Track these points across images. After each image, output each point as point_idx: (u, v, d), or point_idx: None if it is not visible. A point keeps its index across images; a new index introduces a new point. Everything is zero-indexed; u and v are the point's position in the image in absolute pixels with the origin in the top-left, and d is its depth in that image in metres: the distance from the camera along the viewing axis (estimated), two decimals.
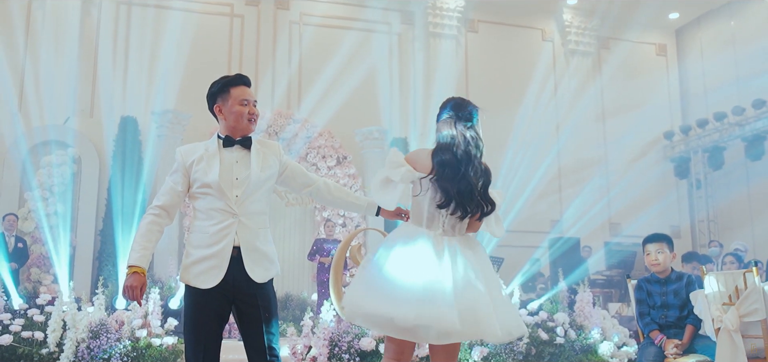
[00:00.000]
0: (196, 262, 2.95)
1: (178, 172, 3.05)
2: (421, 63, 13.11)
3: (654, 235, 4.44)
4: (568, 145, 13.34)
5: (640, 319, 4.47)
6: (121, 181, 10.29)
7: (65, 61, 11.08)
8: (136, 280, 2.85)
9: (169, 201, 3.03)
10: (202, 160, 3.02)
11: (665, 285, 4.37)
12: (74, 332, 6.63)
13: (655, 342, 4.27)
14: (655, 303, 4.40)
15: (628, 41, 14.58)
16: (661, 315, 4.35)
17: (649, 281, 4.47)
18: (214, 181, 2.97)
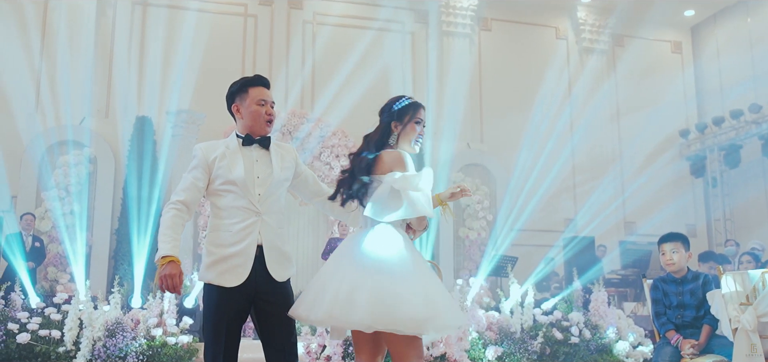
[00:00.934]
0: (219, 261, 2.94)
1: (199, 167, 3.04)
2: (434, 62, 13.08)
3: (669, 235, 4.40)
4: (582, 144, 13.26)
5: (655, 319, 4.44)
6: (136, 180, 10.35)
7: (81, 62, 11.16)
8: (174, 268, 2.81)
9: (191, 198, 3.00)
10: (225, 157, 3.02)
11: (681, 285, 4.34)
12: (91, 330, 6.68)
13: (671, 342, 4.24)
14: (671, 303, 4.37)
15: (642, 39, 14.46)
16: (677, 315, 4.32)
17: (664, 281, 4.44)
18: (240, 177, 2.97)
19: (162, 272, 2.82)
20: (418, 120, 3.09)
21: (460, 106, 12.54)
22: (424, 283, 2.79)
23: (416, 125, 3.08)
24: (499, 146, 12.72)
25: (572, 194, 13.23)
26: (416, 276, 2.79)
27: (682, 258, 4.31)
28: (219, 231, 2.98)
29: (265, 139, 3.12)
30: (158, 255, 2.87)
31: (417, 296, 2.71)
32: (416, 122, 3.08)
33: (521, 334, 7.62)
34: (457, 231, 11.86)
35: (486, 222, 11.92)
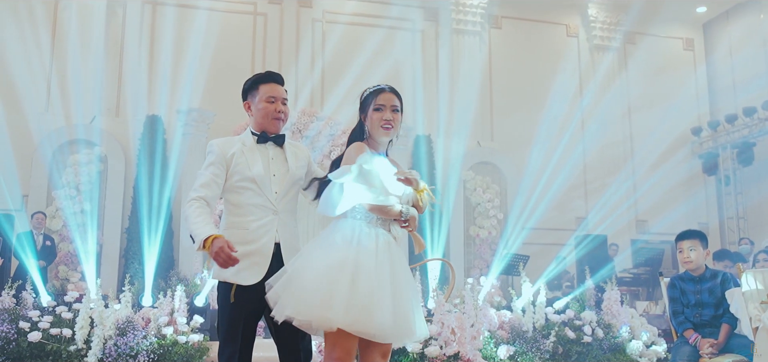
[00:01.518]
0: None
1: (217, 164, 2.99)
2: (444, 60, 13.02)
3: (687, 232, 4.34)
4: (593, 142, 13.17)
5: (673, 318, 4.37)
6: (147, 179, 10.35)
7: (91, 61, 11.17)
8: (221, 241, 2.72)
9: (211, 194, 2.94)
10: (243, 154, 2.99)
11: (699, 283, 4.27)
12: (101, 329, 6.68)
13: (689, 341, 4.18)
14: (689, 301, 4.31)
15: (654, 36, 14.35)
16: (696, 314, 4.25)
17: (682, 279, 4.37)
18: (259, 175, 2.95)
19: (213, 250, 2.72)
20: (378, 106, 2.97)
21: (471, 104, 12.47)
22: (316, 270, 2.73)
23: (376, 112, 2.96)
24: (510, 144, 12.65)
25: (583, 192, 13.14)
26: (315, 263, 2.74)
27: (700, 256, 4.25)
28: (235, 229, 2.94)
29: (280, 137, 3.09)
30: (199, 241, 2.77)
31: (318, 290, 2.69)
32: (376, 109, 2.97)
33: (533, 333, 7.57)
34: (467, 229, 11.80)
35: (497, 220, 11.85)
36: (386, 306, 2.64)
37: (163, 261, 10.04)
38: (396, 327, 2.67)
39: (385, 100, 2.98)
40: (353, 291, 2.63)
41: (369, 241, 2.75)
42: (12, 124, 10.51)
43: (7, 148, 10.35)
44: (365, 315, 2.61)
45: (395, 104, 3.01)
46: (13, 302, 7.03)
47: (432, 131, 12.26)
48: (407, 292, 2.78)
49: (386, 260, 2.74)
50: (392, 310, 2.65)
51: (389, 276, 2.71)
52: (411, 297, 2.81)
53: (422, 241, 4.55)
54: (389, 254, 2.77)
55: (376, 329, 2.63)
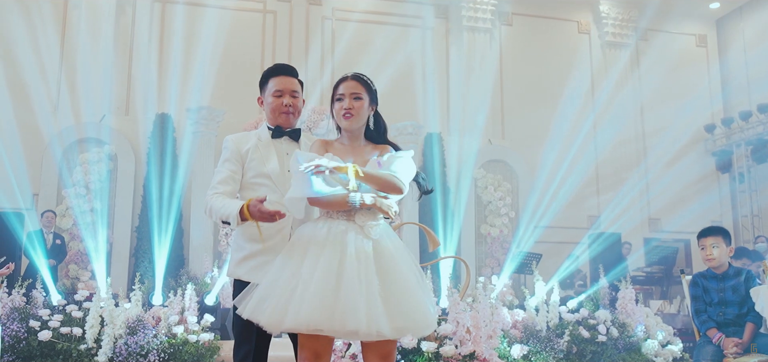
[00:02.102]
0: (250, 256, 2.85)
1: (233, 160, 2.95)
2: (455, 57, 12.93)
3: (709, 228, 4.24)
4: (605, 140, 13.04)
5: (696, 317, 4.27)
6: (157, 177, 10.32)
7: (101, 60, 11.15)
8: (256, 202, 2.66)
9: (230, 191, 2.90)
10: (257, 149, 2.94)
11: (723, 281, 4.17)
12: (112, 328, 6.64)
13: (712, 340, 4.08)
14: (711, 300, 4.20)
15: (667, 32, 14.20)
16: (719, 313, 4.15)
17: (705, 277, 4.27)
18: (275, 171, 2.90)
19: (254, 214, 2.66)
20: (338, 97, 2.88)
21: (482, 102, 12.37)
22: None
23: (337, 102, 2.88)
24: (522, 142, 12.54)
25: (595, 191, 13.01)
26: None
27: (723, 253, 4.14)
28: (250, 226, 2.88)
29: (296, 132, 3.03)
30: (235, 214, 2.72)
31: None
32: (337, 99, 2.89)
33: (547, 333, 7.47)
34: (478, 228, 11.71)
35: (508, 218, 11.76)
36: (323, 301, 2.51)
37: (173, 260, 10.00)
38: (342, 322, 2.50)
39: (344, 89, 2.88)
40: (293, 291, 2.56)
41: (317, 236, 2.69)
42: (22, 122, 10.49)
43: (17, 147, 10.34)
44: (300, 313, 2.51)
45: (355, 92, 2.88)
46: (23, 301, 7.01)
47: (443, 129, 12.18)
48: (369, 282, 2.58)
49: (335, 251, 2.63)
50: (333, 304, 2.50)
51: (337, 267, 2.58)
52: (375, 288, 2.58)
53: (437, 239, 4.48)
54: (342, 245, 2.64)
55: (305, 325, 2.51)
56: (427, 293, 2.75)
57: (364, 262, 2.61)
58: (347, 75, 2.95)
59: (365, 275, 2.58)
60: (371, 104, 2.93)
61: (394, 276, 2.65)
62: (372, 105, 2.94)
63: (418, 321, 2.65)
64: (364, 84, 2.91)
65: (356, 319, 2.48)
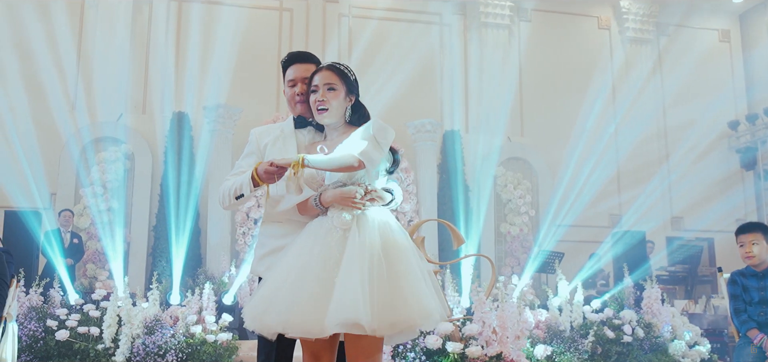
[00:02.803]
0: (270, 253, 2.75)
1: (252, 154, 2.88)
2: (473, 54, 12.77)
3: (748, 224, 4.08)
4: (627, 137, 12.82)
5: (735, 316, 4.10)
6: (174, 176, 10.27)
7: (118, 59, 11.12)
8: (263, 165, 2.60)
9: None
10: (276, 142, 2.83)
11: (763, 280, 4.00)
12: (129, 327, 6.57)
13: (754, 341, 3.91)
14: (752, 299, 4.04)
15: (689, 27, 13.94)
16: (760, 312, 3.98)
17: (744, 275, 4.10)
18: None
19: (262, 176, 2.59)
20: (313, 88, 2.74)
21: (500, 99, 12.21)
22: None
23: (312, 94, 2.74)
24: (541, 140, 12.35)
25: (617, 189, 12.79)
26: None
27: (764, 250, 3.97)
28: (270, 222, 2.80)
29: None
30: (248, 181, 2.65)
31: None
32: (312, 91, 2.74)
33: (571, 333, 7.33)
34: (498, 226, 11.55)
35: (528, 217, 11.59)
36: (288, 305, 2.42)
37: (191, 259, 9.95)
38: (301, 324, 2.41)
39: (318, 80, 2.73)
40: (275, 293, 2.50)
41: (297, 240, 2.62)
42: (40, 122, 10.49)
43: (35, 147, 10.34)
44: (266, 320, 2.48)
45: (329, 82, 2.71)
46: (40, 300, 6.96)
47: (461, 127, 12.03)
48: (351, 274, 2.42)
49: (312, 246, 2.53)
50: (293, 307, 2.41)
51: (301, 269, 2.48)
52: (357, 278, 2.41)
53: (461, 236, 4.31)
54: (324, 238, 2.53)
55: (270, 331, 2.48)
56: (420, 282, 2.49)
57: (329, 258, 2.48)
58: (323, 65, 2.81)
59: (330, 272, 2.45)
60: (349, 95, 2.76)
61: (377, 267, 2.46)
62: (350, 96, 2.77)
63: (403, 311, 2.41)
64: (340, 73, 2.75)
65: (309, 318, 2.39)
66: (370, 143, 2.58)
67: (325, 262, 2.47)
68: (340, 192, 2.58)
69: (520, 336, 5.52)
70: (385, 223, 2.60)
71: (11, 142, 10.20)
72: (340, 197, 2.58)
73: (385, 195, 2.70)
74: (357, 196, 2.58)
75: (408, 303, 2.41)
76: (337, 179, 2.62)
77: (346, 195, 2.58)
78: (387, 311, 2.38)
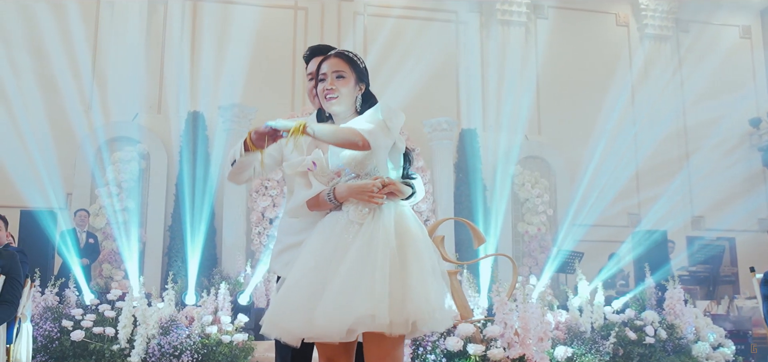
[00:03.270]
0: (285, 249, 2.67)
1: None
2: (490, 52, 12.64)
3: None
4: (646, 135, 12.63)
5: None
6: (189, 176, 10.23)
7: (133, 58, 11.11)
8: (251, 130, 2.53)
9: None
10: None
11: None
12: (145, 328, 6.52)
13: None
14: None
15: (709, 24, 13.72)
16: None
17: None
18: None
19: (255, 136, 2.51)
20: (321, 77, 2.66)
21: (517, 97, 12.07)
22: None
23: (320, 83, 2.66)
24: (559, 138, 12.20)
25: (636, 188, 12.60)
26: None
27: None
28: (288, 217, 2.70)
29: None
30: (239, 148, 2.60)
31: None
32: (320, 80, 2.66)
33: (592, 334, 7.19)
34: (515, 226, 11.41)
35: (546, 216, 11.44)
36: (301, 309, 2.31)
37: (206, 259, 9.90)
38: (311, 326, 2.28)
39: (326, 68, 2.64)
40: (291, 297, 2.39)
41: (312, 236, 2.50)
42: (55, 122, 10.48)
43: (50, 146, 10.33)
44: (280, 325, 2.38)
45: (338, 69, 2.62)
46: (56, 300, 6.93)
47: (478, 125, 11.90)
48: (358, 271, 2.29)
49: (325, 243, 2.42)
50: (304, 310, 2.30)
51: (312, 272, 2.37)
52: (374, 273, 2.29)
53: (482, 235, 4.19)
54: (341, 235, 2.40)
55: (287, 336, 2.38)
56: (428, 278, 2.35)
57: (337, 258, 2.35)
58: (330, 53, 2.71)
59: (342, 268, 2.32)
60: (359, 83, 2.66)
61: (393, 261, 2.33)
62: (360, 84, 2.67)
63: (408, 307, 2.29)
64: (349, 60, 2.66)
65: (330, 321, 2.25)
66: (377, 125, 2.45)
67: (335, 263, 2.35)
68: (357, 186, 2.44)
69: (544, 338, 5.39)
70: (401, 214, 2.48)
71: (26, 142, 10.20)
72: (357, 191, 2.43)
73: (405, 188, 2.54)
74: (374, 189, 2.43)
75: (412, 299, 2.28)
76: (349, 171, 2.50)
77: (363, 188, 2.43)
78: (401, 307, 2.27)
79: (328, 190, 2.47)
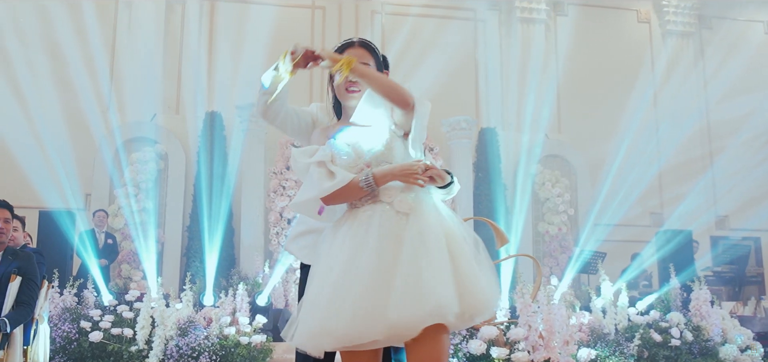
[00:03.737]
0: (305, 233, 2.55)
1: (307, 113, 2.72)
2: (509, 50, 12.50)
3: None
4: (669, 133, 12.41)
5: None
6: (207, 176, 10.20)
7: (151, 59, 11.12)
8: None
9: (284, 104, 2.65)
10: (328, 129, 2.64)
11: None
12: (163, 329, 6.47)
13: None
14: None
15: (733, 20, 13.46)
16: None
17: None
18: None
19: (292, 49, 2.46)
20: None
21: (537, 96, 11.91)
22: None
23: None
24: (580, 137, 12.02)
25: (658, 187, 12.40)
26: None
27: None
28: None
29: None
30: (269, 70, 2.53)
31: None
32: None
33: (616, 336, 7.04)
34: (535, 226, 11.26)
35: (567, 216, 11.28)
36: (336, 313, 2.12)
37: (224, 260, 9.87)
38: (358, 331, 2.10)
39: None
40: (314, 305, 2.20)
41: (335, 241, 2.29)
42: (73, 122, 10.51)
43: (68, 147, 10.36)
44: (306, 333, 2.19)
45: (364, 61, 2.50)
46: (74, 301, 6.91)
47: (497, 124, 11.76)
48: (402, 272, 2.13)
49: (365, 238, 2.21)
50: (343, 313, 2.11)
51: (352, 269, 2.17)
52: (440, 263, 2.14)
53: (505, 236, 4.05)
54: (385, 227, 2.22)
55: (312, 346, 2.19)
56: (485, 267, 2.25)
57: (391, 250, 2.17)
58: (352, 39, 2.58)
59: (391, 265, 2.14)
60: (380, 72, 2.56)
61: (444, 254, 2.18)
62: (385, 71, 2.59)
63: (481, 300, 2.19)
64: (372, 51, 2.56)
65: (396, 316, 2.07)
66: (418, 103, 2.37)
67: (389, 255, 2.17)
68: (399, 167, 2.27)
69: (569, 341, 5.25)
70: (434, 206, 2.35)
71: (44, 143, 10.24)
72: (401, 172, 2.26)
73: (445, 174, 2.40)
74: (419, 171, 2.28)
75: (470, 290, 2.16)
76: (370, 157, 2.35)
77: (408, 169, 2.27)
78: (460, 298, 2.13)
79: (366, 175, 2.28)
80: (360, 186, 2.27)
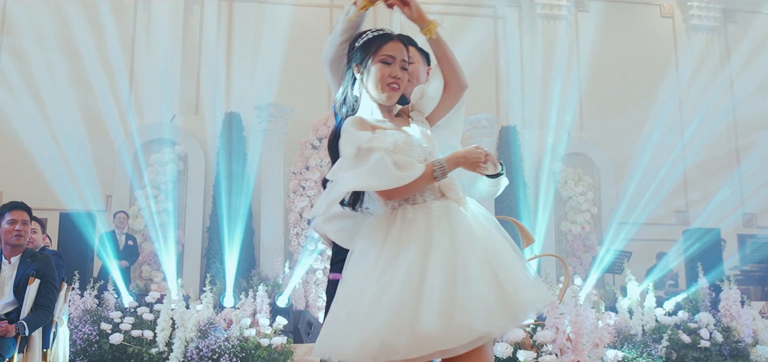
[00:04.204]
0: (343, 215, 2.38)
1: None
2: (529, 46, 12.35)
3: None
4: (694, 131, 12.18)
5: None
6: (226, 176, 10.17)
7: (169, 60, 11.13)
8: None
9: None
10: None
11: None
12: (183, 331, 6.42)
13: None
14: None
15: (758, 13, 13.21)
16: None
17: None
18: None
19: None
20: (386, 58, 2.29)
21: (558, 93, 11.74)
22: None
23: (383, 65, 2.28)
24: (602, 134, 11.84)
25: (684, 185, 12.18)
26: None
27: None
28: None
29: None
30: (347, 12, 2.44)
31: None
32: (383, 61, 2.28)
33: (643, 337, 6.87)
34: (558, 225, 11.09)
35: (590, 215, 11.10)
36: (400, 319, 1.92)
37: (244, 261, 9.82)
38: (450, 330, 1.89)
39: (395, 51, 2.31)
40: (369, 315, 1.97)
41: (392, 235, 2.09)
42: (93, 124, 10.54)
43: (87, 149, 10.38)
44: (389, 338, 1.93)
45: (407, 60, 2.35)
46: (95, 303, 6.88)
47: (518, 122, 11.61)
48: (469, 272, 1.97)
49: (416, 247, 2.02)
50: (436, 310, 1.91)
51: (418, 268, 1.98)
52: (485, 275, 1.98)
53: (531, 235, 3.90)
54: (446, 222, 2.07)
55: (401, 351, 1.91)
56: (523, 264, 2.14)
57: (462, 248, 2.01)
58: (392, 34, 2.38)
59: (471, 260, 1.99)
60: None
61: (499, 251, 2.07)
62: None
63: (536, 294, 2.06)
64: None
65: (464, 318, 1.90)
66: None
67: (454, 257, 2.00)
68: (462, 154, 2.16)
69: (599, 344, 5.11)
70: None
71: (63, 146, 10.28)
72: (465, 159, 2.15)
73: (498, 163, 2.31)
74: (481, 157, 2.17)
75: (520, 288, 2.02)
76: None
77: (473, 156, 2.17)
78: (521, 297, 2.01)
79: (439, 164, 2.14)
80: (434, 175, 2.13)
